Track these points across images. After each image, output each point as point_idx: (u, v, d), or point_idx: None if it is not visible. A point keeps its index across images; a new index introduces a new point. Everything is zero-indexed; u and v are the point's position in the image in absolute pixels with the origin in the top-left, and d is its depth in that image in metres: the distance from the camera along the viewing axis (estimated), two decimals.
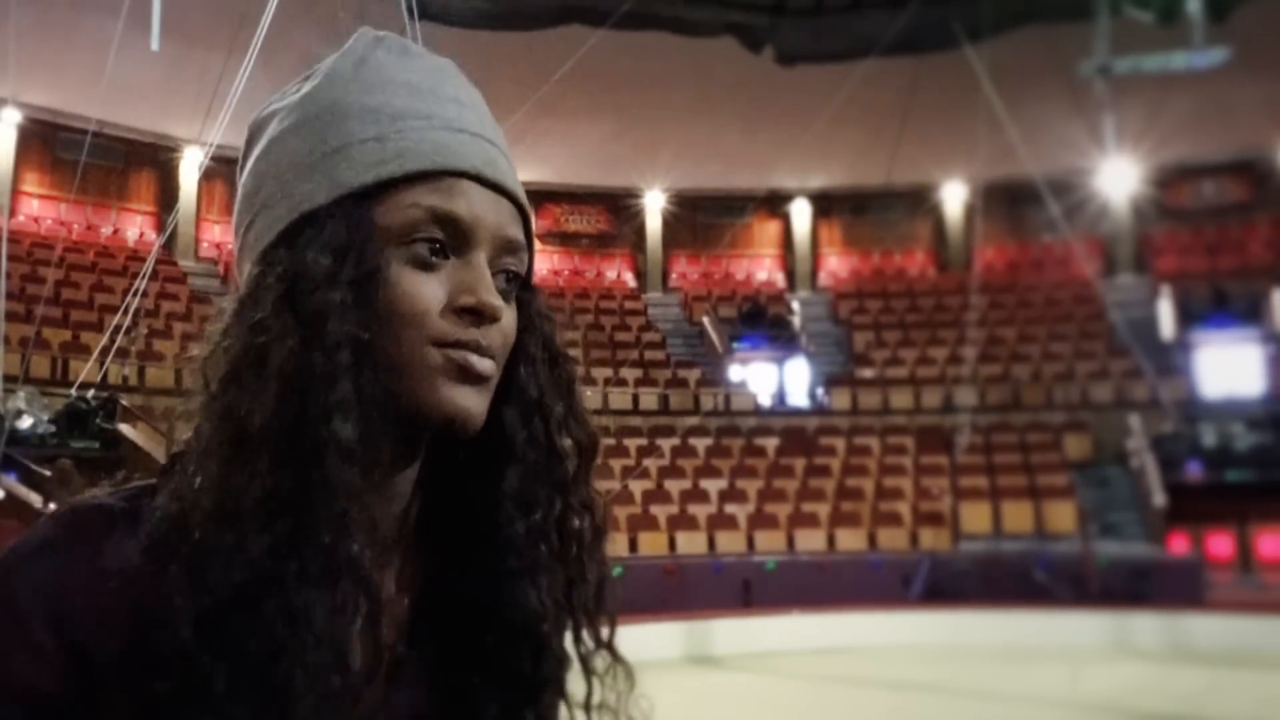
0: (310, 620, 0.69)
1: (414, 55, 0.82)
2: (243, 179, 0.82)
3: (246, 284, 0.77)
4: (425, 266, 0.76)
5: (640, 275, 25.62)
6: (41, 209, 20.94)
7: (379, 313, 0.74)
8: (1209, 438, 17.80)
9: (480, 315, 0.76)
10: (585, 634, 0.85)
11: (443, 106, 0.80)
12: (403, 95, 0.79)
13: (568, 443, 0.84)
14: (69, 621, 0.68)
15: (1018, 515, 16.60)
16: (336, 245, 0.74)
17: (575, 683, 0.85)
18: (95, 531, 0.72)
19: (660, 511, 16.14)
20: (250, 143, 0.83)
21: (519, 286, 0.82)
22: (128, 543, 0.71)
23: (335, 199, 0.76)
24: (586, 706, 0.84)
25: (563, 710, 0.86)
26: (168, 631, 0.67)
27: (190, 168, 21.19)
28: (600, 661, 0.85)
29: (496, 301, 0.77)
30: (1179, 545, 16.61)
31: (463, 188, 0.77)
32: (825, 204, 25.54)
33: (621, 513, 15.31)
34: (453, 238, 0.77)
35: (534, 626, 0.81)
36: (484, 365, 0.77)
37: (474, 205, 0.77)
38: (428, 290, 0.75)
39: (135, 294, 12.82)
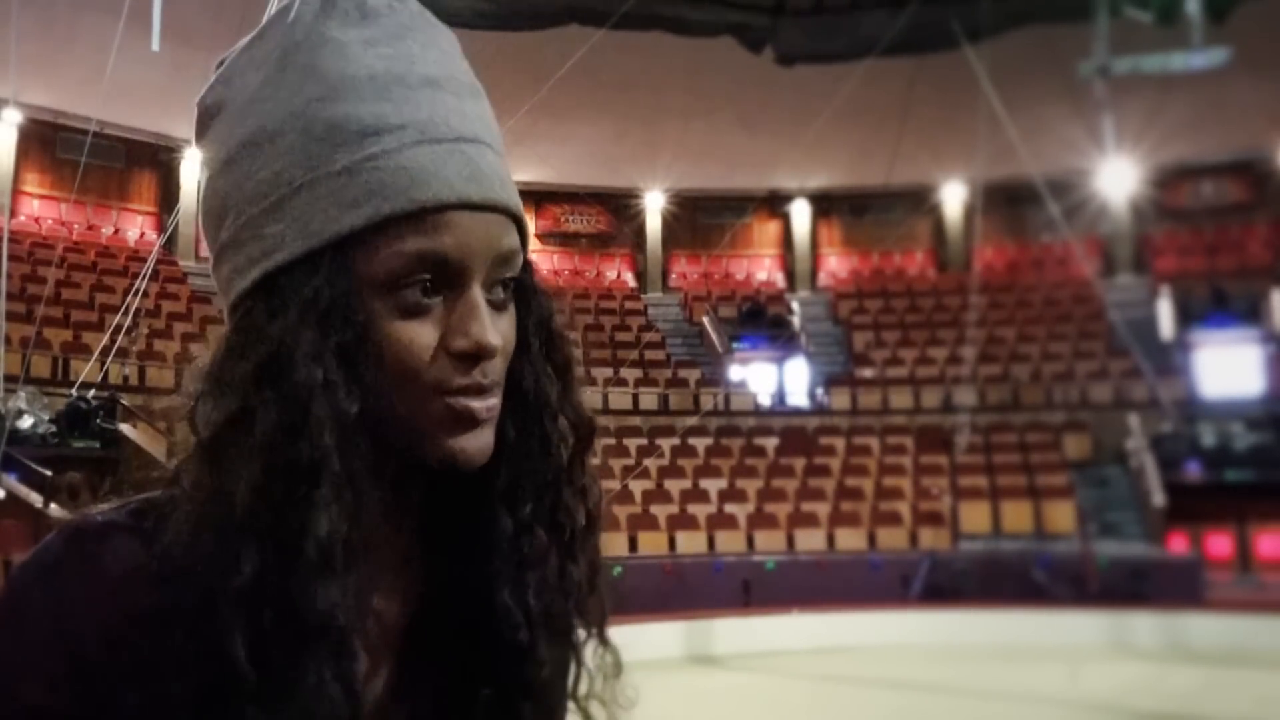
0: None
1: (371, 18, 0.74)
2: (202, 185, 0.77)
3: (223, 344, 0.72)
4: (415, 312, 0.71)
5: (640, 275, 25.63)
6: (42, 209, 20.95)
7: (370, 369, 0.70)
8: (1208, 437, 17.81)
9: (478, 357, 0.72)
10: (576, 622, 0.82)
11: (415, 104, 0.72)
12: (369, 98, 0.71)
13: (563, 427, 0.81)
14: (78, 644, 0.67)
15: (1017, 515, 16.61)
16: (319, 309, 0.69)
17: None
18: (104, 551, 0.70)
19: (660, 511, 16.15)
20: (202, 130, 0.77)
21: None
22: (136, 564, 0.69)
23: (309, 251, 0.70)
24: (574, 694, 0.83)
25: None
26: (170, 682, 0.67)
27: (191, 168, 21.18)
28: (590, 650, 0.83)
29: (494, 341, 0.72)
30: (1178, 545, 16.61)
31: (448, 220, 0.70)
32: (825, 204, 25.55)
33: (621, 512, 15.32)
34: (442, 276, 0.71)
35: (512, 633, 0.78)
36: (487, 409, 0.73)
37: (462, 238, 0.71)
38: (420, 338, 0.71)
39: (136, 294, 12.83)
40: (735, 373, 21.88)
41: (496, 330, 0.73)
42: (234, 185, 0.73)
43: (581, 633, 0.83)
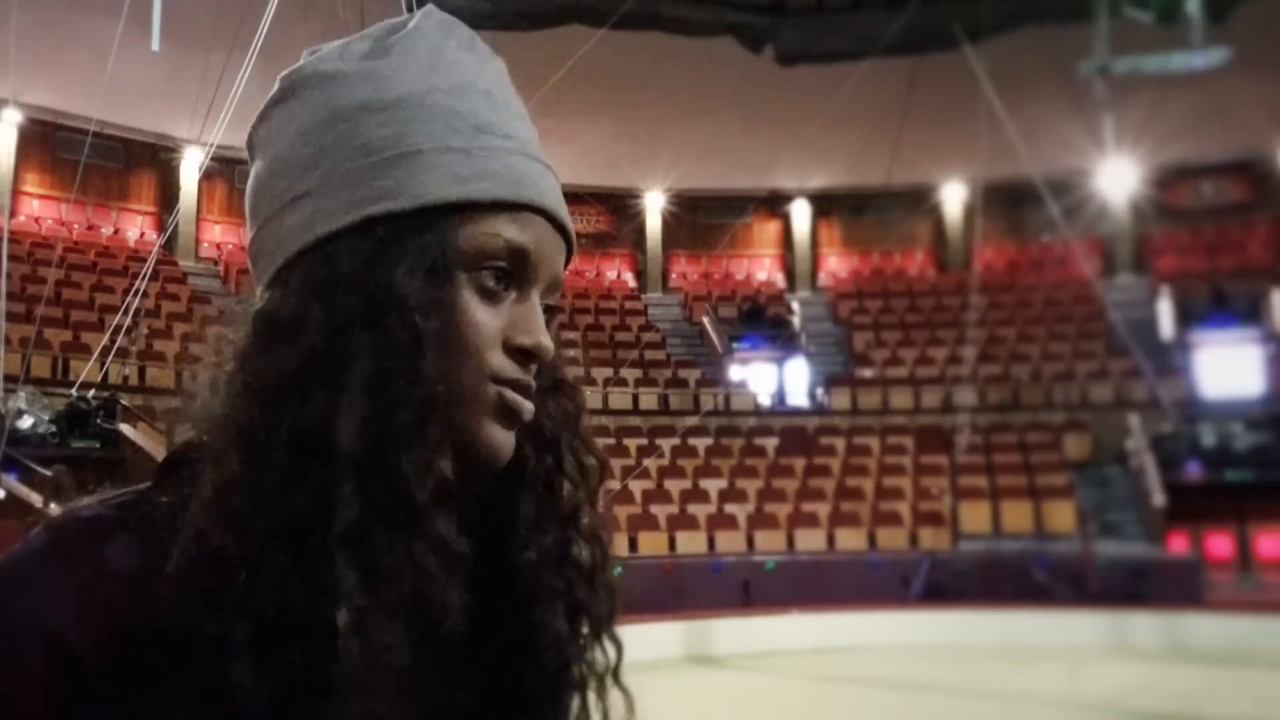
0: (387, 649, 0.67)
1: (480, 54, 0.81)
2: (288, 137, 0.76)
3: (309, 281, 0.72)
4: (490, 297, 0.74)
5: (640, 275, 25.64)
6: (42, 209, 20.96)
7: (455, 332, 0.73)
8: (1208, 437, 17.82)
9: (534, 357, 0.75)
10: (589, 659, 0.83)
11: (516, 125, 0.78)
12: (484, 106, 0.77)
13: (575, 469, 0.84)
14: (63, 641, 0.64)
15: (1017, 515, 16.61)
16: (426, 263, 0.72)
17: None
18: (90, 545, 0.68)
19: (660, 511, 16.15)
20: (289, 98, 0.77)
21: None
22: (124, 555, 0.67)
23: (417, 208, 0.73)
24: None
25: None
26: (194, 653, 0.65)
27: (190, 168, 21.19)
28: (603, 687, 0.84)
29: (550, 344, 0.76)
30: (1178, 545, 16.62)
31: (536, 223, 0.76)
32: (825, 204, 25.56)
33: (621, 512, 15.32)
34: (517, 272, 0.75)
35: (559, 649, 0.80)
36: (528, 409, 0.76)
37: (542, 243, 0.76)
38: (492, 323, 0.74)
39: (136, 294, 12.85)
40: (735, 373, 21.88)
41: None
42: (337, 139, 0.75)
43: (595, 669, 0.84)
